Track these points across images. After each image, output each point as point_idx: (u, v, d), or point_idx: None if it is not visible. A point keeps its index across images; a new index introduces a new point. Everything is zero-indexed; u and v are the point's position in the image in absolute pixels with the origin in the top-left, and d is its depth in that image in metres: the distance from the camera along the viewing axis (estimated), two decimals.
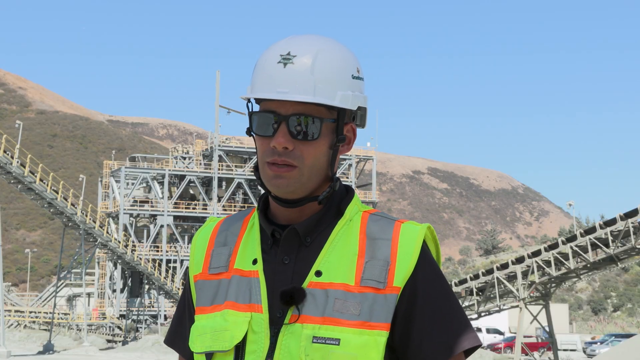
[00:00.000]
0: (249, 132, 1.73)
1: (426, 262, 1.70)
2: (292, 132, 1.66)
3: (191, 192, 73.03)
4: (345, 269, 1.67)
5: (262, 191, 1.77)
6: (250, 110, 1.73)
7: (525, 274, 30.44)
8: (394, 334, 1.67)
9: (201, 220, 70.95)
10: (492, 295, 31.98)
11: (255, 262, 1.72)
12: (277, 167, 1.67)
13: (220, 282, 1.75)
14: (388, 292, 1.65)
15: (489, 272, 31.98)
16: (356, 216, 1.75)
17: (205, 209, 70.71)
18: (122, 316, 63.77)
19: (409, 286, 1.67)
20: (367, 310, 1.63)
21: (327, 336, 1.62)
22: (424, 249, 1.71)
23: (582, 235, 28.83)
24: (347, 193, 1.78)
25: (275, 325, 1.65)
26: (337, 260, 1.68)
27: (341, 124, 1.71)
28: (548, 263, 29.67)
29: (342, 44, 1.76)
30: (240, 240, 1.78)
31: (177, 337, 1.87)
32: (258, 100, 1.73)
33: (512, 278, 31.38)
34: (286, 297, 1.64)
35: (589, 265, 29.36)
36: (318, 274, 1.67)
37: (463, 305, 32.08)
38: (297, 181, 1.67)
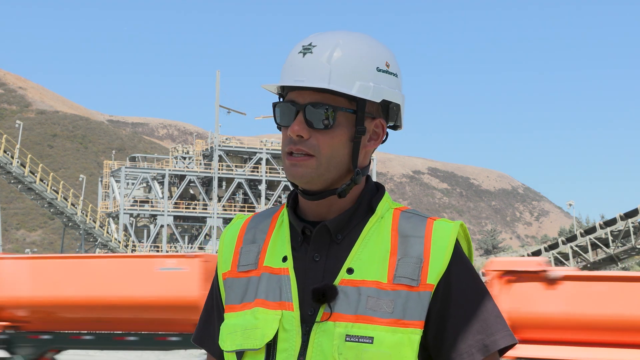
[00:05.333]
0: (279, 126, 1.73)
1: (459, 259, 1.68)
2: (308, 120, 1.65)
3: (191, 192, 73.03)
4: (377, 267, 1.65)
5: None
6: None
7: None
8: (428, 332, 1.65)
9: (201, 220, 71.01)
10: None
11: (285, 259, 1.70)
12: (294, 156, 1.67)
13: (249, 279, 1.73)
14: (421, 290, 1.63)
15: None
16: (387, 213, 1.73)
17: (205, 209, 70.67)
18: None
19: (442, 284, 1.65)
20: (401, 308, 1.62)
21: (361, 334, 1.60)
22: (457, 246, 1.70)
23: (582, 235, 28.87)
24: (377, 190, 1.77)
25: (307, 323, 1.64)
26: (369, 257, 1.66)
27: (361, 115, 1.68)
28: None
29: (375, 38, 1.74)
30: (270, 238, 1.76)
31: (206, 335, 1.85)
32: (285, 93, 1.73)
33: None
34: (318, 295, 1.62)
35: (589, 265, 29.37)
36: (350, 271, 1.65)
37: None
38: (314, 171, 1.66)
